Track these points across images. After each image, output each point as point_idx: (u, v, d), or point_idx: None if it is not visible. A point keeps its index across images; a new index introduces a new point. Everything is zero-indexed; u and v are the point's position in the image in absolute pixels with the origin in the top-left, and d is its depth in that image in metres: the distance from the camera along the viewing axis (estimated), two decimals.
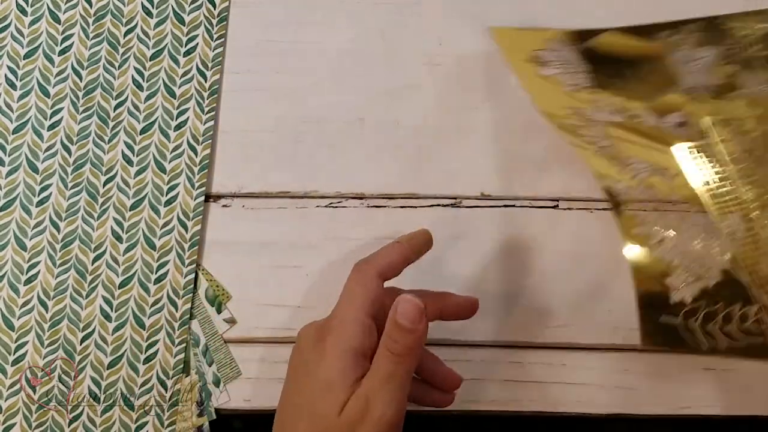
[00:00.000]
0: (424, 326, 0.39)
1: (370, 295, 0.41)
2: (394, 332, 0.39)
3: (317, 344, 0.40)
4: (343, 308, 0.41)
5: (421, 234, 0.45)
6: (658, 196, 0.49)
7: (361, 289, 0.41)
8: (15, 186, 0.51)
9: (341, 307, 0.41)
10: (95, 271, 0.50)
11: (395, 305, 0.39)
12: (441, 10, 0.54)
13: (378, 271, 0.42)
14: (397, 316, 0.39)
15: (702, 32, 0.50)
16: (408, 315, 0.39)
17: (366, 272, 0.42)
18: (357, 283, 0.42)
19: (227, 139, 0.52)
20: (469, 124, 0.53)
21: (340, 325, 0.40)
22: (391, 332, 0.39)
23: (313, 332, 0.41)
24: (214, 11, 0.54)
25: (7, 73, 0.52)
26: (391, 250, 0.43)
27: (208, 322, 0.50)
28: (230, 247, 0.51)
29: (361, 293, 0.41)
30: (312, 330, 0.42)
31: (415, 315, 0.39)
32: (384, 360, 0.39)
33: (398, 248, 0.43)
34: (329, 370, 0.39)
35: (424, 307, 0.39)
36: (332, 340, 0.40)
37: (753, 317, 0.46)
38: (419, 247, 0.45)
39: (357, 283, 0.42)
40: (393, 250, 0.43)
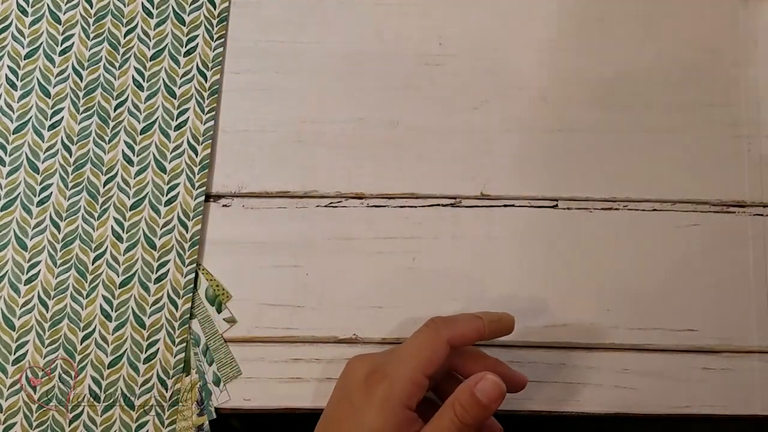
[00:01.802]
0: (497, 406, 0.40)
1: (436, 359, 0.41)
2: (468, 402, 0.39)
3: (368, 387, 0.40)
4: (405, 362, 0.41)
5: (505, 320, 0.44)
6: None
7: (429, 353, 0.41)
8: (15, 186, 0.51)
9: (403, 360, 0.41)
10: (96, 270, 0.50)
11: (477, 378, 0.40)
12: (441, 11, 0.54)
13: (450, 338, 0.42)
14: (476, 389, 0.39)
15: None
16: (488, 393, 0.39)
17: (440, 336, 0.42)
18: (427, 343, 0.41)
19: (227, 139, 0.53)
20: (469, 124, 0.53)
21: (398, 379, 0.40)
22: (464, 401, 0.39)
23: (365, 371, 0.41)
24: (214, 11, 0.54)
25: (7, 73, 0.53)
26: (470, 324, 0.43)
27: (208, 322, 0.50)
28: (230, 247, 0.51)
29: (428, 356, 0.41)
30: (364, 368, 0.42)
31: (495, 395, 0.39)
32: (448, 422, 0.39)
33: (477, 324, 0.43)
34: (379, 422, 0.39)
35: (505, 390, 0.40)
36: (385, 391, 0.40)
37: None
38: (498, 332, 0.44)
39: (427, 343, 0.41)
40: (472, 324, 0.43)
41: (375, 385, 0.40)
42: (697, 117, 0.53)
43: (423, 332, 0.42)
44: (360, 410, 0.40)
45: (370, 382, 0.41)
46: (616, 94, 0.53)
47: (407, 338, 0.43)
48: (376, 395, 0.40)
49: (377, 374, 0.41)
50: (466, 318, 0.43)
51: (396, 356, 0.42)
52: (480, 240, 0.51)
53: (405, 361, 0.41)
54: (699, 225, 0.52)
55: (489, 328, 0.43)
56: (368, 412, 0.40)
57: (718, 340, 0.50)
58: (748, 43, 0.54)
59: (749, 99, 0.53)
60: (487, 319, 0.43)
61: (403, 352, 0.42)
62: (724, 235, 0.51)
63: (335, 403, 0.43)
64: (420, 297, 0.50)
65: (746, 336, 0.50)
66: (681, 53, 0.54)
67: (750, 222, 0.51)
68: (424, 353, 0.41)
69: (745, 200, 0.52)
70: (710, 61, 0.53)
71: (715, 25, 0.54)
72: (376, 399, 0.40)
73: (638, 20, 0.54)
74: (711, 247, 0.51)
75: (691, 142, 0.52)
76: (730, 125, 0.53)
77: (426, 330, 0.42)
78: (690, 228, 0.52)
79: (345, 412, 0.41)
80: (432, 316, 0.43)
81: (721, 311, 0.51)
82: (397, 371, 0.41)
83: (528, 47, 0.54)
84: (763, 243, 0.51)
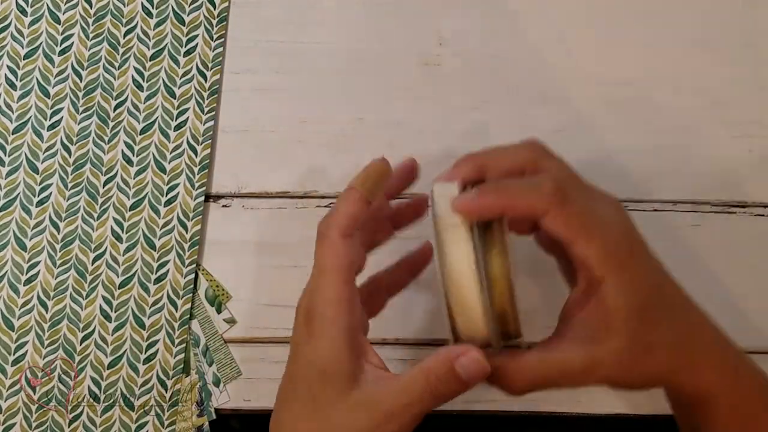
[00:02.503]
0: (476, 384, 0.36)
1: (348, 263, 0.38)
2: (446, 376, 0.36)
3: (306, 326, 0.38)
4: (319, 286, 0.38)
5: (372, 168, 0.40)
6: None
7: (331, 260, 0.38)
8: (15, 186, 0.51)
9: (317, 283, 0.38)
10: (95, 271, 0.50)
11: (459, 352, 0.36)
12: (441, 10, 0.54)
13: (341, 233, 0.38)
14: (457, 364, 0.36)
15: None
16: (470, 371, 0.36)
17: (329, 237, 0.38)
18: (324, 254, 0.38)
19: (227, 139, 0.52)
20: (469, 124, 0.53)
21: (322, 305, 0.37)
22: (440, 372, 0.36)
23: (303, 312, 0.39)
24: (214, 11, 0.54)
25: (7, 73, 0.52)
26: (346, 202, 0.39)
27: (208, 322, 0.50)
28: (230, 247, 0.51)
29: (338, 266, 0.38)
30: (302, 309, 0.39)
31: (476, 374, 0.36)
32: (420, 390, 0.36)
33: (354, 195, 0.39)
34: (321, 359, 0.37)
35: (488, 371, 0.36)
36: (319, 325, 0.37)
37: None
38: (376, 185, 0.39)
39: (324, 254, 0.38)
40: (349, 200, 0.39)
41: (310, 323, 0.37)
42: (698, 117, 0.53)
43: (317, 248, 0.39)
44: (304, 351, 0.37)
45: (307, 323, 0.38)
46: (617, 95, 0.53)
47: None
48: (313, 332, 0.37)
49: (309, 312, 0.38)
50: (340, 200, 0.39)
51: (312, 285, 0.38)
52: None
53: (319, 285, 0.38)
54: (699, 225, 0.51)
55: (367, 190, 0.39)
56: (309, 351, 0.37)
57: None
58: (749, 42, 0.54)
59: (750, 99, 0.53)
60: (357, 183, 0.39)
61: (313, 276, 0.38)
62: (725, 235, 0.51)
63: (289, 354, 0.40)
64: (420, 297, 0.50)
65: (746, 336, 0.50)
66: (682, 53, 0.53)
67: (751, 222, 0.51)
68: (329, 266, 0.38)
69: (746, 200, 0.52)
70: (711, 60, 0.53)
71: (716, 24, 0.54)
72: (314, 336, 0.37)
73: (639, 20, 0.54)
74: (712, 247, 0.51)
75: (691, 142, 0.52)
76: (730, 125, 0.53)
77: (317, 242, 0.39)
78: (690, 228, 0.51)
79: (294, 359, 0.39)
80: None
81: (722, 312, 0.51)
82: (319, 299, 0.37)
83: (528, 47, 0.54)
84: (763, 243, 0.51)
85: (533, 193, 0.37)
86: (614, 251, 0.37)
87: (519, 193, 0.37)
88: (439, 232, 0.38)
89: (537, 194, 0.37)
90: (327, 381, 0.37)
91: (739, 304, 0.51)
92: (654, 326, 0.38)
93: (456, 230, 0.37)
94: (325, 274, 0.38)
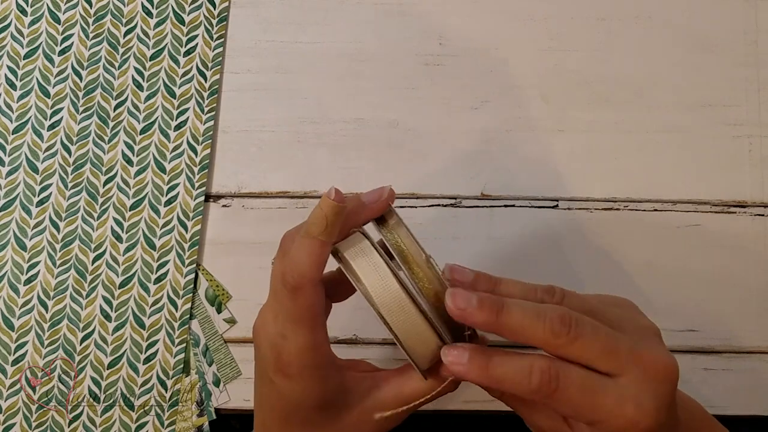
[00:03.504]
0: None
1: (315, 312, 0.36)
2: None
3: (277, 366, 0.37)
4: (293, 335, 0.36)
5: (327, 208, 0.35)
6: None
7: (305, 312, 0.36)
8: (15, 186, 0.51)
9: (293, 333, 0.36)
10: (95, 271, 0.50)
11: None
12: (441, 10, 0.54)
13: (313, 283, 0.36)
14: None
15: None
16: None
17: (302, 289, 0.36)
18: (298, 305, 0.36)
19: (227, 139, 0.52)
20: (469, 124, 0.53)
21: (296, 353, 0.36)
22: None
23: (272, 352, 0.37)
24: (214, 11, 0.54)
25: (7, 73, 0.52)
26: (311, 254, 0.36)
27: (208, 322, 0.50)
28: (230, 247, 0.51)
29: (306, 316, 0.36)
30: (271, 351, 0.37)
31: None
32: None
33: (319, 248, 0.35)
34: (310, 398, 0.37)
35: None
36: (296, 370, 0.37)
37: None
38: (337, 228, 0.36)
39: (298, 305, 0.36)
40: (314, 252, 0.36)
41: (284, 371, 0.37)
42: (698, 117, 0.53)
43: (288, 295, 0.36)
44: (287, 392, 0.37)
45: (279, 371, 0.37)
46: (616, 94, 0.53)
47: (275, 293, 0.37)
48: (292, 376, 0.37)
49: (281, 359, 0.36)
50: (305, 250, 0.36)
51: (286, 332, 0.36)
52: (480, 240, 0.51)
53: (296, 335, 0.36)
54: (699, 225, 0.51)
55: (328, 236, 0.35)
56: (296, 393, 0.37)
57: (719, 341, 0.50)
58: (749, 43, 0.54)
59: (750, 99, 0.53)
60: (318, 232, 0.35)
61: (287, 326, 0.36)
62: (725, 235, 0.51)
63: (258, 379, 0.40)
64: None
65: (746, 336, 0.50)
66: (681, 53, 0.53)
67: (750, 222, 0.51)
68: (307, 316, 0.36)
69: (746, 200, 0.52)
70: (711, 61, 0.53)
71: (716, 25, 0.54)
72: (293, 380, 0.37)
73: (638, 20, 0.54)
74: (711, 247, 0.51)
75: (691, 142, 0.52)
76: (730, 125, 0.53)
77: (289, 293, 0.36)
78: (690, 228, 0.51)
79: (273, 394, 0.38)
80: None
81: (722, 312, 0.51)
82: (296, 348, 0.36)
83: (528, 47, 0.54)
84: (763, 243, 0.51)
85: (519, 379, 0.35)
86: None
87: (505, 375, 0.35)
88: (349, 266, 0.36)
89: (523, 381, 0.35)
90: (326, 412, 0.38)
91: (739, 304, 0.51)
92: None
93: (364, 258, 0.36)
94: (299, 324, 0.36)
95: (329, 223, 0.35)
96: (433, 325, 0.36)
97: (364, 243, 0.36)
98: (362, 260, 0.36)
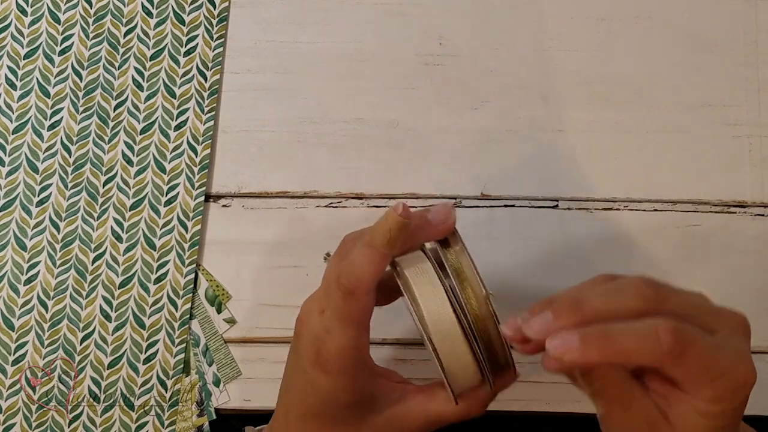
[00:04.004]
0: None
1: (364, 317, 0.37)
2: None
3: (317, 362, 0.38)
4: (339, 334, 0.37)
5: (392, 221, 0.36)
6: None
7: (355, 315, 0.37)
8: (15, 186, 0.51)
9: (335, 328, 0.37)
10: (95, 271, 0.50)
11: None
12: (441, 11, 0.54)
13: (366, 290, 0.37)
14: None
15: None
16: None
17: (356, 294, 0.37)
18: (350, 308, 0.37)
19: (227, 139, 0.52)
20: (469, 124, 0.53)
21: (336, 351, 0.37)
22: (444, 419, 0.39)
23: (312, 346, 0.38)
24: (214, 11, 0.54)
25: (7, 73, 0.52)
26: (372, 263, 0.36)
27: (208, 322, 0.50)
28: (230, 247, 0.51)
29: (356, 320, 0.37)
30: (311, 345, 0.38)
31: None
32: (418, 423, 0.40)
33: (380, 258, 0.36)
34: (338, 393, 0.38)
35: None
36: (333, 366, 0.37)
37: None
38: (399, 242, 0.36)
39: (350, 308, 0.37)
40: (375, 261, 0.36)
41: (322, 365, 0.37)
42: (698, 117, 0.53)
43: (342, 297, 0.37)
44: (318, 385, 0.38)
45: (317, 364, 0.38)
46: (616, 94, 0.53)
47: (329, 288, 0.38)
48: (329, 371, 0.37)
49: (320, 354, 0.37)
50: (366, 258, 0.36)
51: (332, 329, 0.37)
52: (480, 240, 0.51)
53: (341, 334, 0.37)
54: (699, 225, 0.51)
55: (389, 248, 0.36)
56: (326, 390, 0.38)
57: None
58: (749, 43, 0.54)
59: (750, 99, 0.53)
60: (371, 237, 0.36)
61: (334, 323, 0.37)
62: (725, 235, 0.51)
63: (290, 368, 0.40)
64: None
65: None
66: (681, 53, 0.53)
67: (750, 222, 0.51)
68: (355, 319, 0.37)
69: (746, 200, 0.52)
70: (710, 61, 0.53)
71: (716, 25, 0.54)
72: (329, 375, 0.37)
73: (638, 20, 0.54)
74: (711, 247, 0.51)
75: (691, 142, 0.52)
76: (730, 125, 0.53)
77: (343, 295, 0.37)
78: (690, 228, 0.51)
79: (305, 389, 0.39)
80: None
81: None
82: (339, 347, 0.37)
83: (528, 47, 0.54)
84: (763, 243, 0.51)
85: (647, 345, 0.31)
86: (730, 396, 0.34)
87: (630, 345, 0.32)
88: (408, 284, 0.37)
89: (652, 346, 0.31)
90: (349, 409, 0.38)
91: (739, 304, 0.51)
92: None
93: (425, 279, 0.37)
94: (346, 324, 0.37)
95: (392, 237, 0.36)
96: (478, 357, 0.37)
97: (426, 265, 0.37)
98: (422, 281, 0.37)
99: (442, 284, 0.36)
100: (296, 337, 0.40)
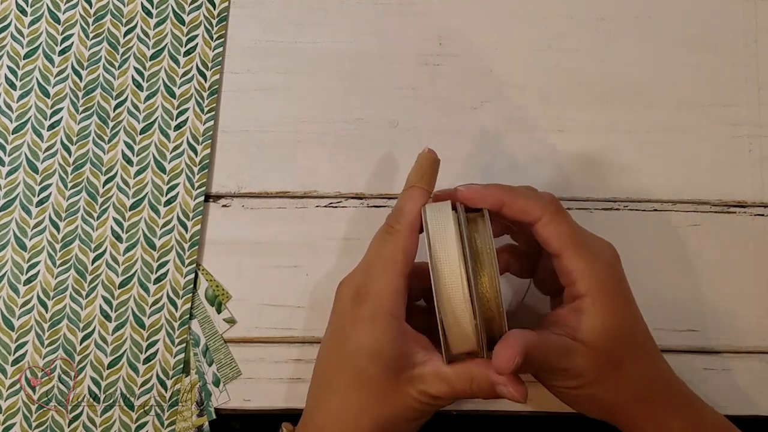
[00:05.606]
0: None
1: (409, 258, 0.41)
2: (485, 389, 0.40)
3: (355, 311, 0.40)
4: (379, 274, 0.40)
5: (425, 161, 0.43)
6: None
7: (402, 255, 0.40)
8: (15, 186, 0.51)
9: (379, 271, 0.40)
10: (95, 271, 0.50)
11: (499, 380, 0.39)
12: (441, 10, 0.54)
13: (410, 229, 0.41)
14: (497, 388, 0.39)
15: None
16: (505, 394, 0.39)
17: (399, 231, 0.41)
18: (397, 248, 0.40)
19: (227, 139, 0.52)
20: (469, 124, 0.53)
21: (377, 292, 0.40)
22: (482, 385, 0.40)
23: (350, 296, 0.41)
24: (214, 11, 0.54)
25: (6, 73, 0.52)
26: (412, 201, 0.41)
27: (208, 322, 0.50)
28: (230, 247, 0.51)
29: (402, 260, 0.40)
30: (350, 292, 0.41)
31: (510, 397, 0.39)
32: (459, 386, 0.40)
33: (419, 193, 0.42)
34: (377, 341, 0.39)
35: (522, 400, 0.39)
36: (371, 309, 0.40)
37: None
38: (433, 177, 0.43)
39: (397, 248, 0.40)
40: (415, 197, 0.42)
41: (360, 306, 0.40)
42: (698, 117, 0.53)
43: (388, 239, 0.41)
44: (353, 334, 0.40)
45: (356, 306, 0.40)
46: (616, 94, 0.53)
47: (371, 247, 0.42)
48: (364, 316, 0.40)
49: (360, 296, 0.40)
50: (407, 198, 0.42)
51: (373, 272, 0.41)
52: None
53: (382, 273, 0.40)
54: (699, 225, 0.51)
55: (426, 184, 0.42)
56: (361, 334, 0.40)
57: (719, 341, 0.50)
58: (749, 43, 0.54)
59: (750, 99, 0.53)
60: (416, 179, 0.42)
61: (375, 264, 0.41)
62: (725, 235, 0.51)
63: (330, 333, 0.42)
64: None
65: (746, 336, 0.50)
66: (681, 53, 0.54)
67: (750, 222, 0.51)
68: (399, 260, 0.40)
69: (746, 200, 0.52)
70: (710, 61, 0.53)
71: (716, 25, 0.54)
72: (365, 320, 0.40)
73: (638, 20, 0.54)
74: (711, 247, 0.51)
75: (691, 142, 0.52)
76: (730, 125, 0.53)
77: (390, 236, 0.41)
78: (690, 228, 0.52)
79: (340, 340, 0.41)
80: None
81: (722, 312, 0.51)
82: (378, 287, 0.40)
83: (528, 47, 0.54)
84: (763, 243, 0.51)
85: (533, 199, 0.41)
86: (602, 277, 0.40)
87: (521, 194, 0.41)
88: (432, 250, 0.39)
89: (536, 200, 0.41)
90: (381, 361, 0.39)
91: (739, 304, 0.51)
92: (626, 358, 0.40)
93: (448, 247, 0.39)
94: (387, 264, 0.40)
95: (426, 173, 0.42)
96: (477, 325, 0.39)
97: (452, 228, 0.40)
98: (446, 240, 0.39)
99: (464, 255, 0.39)
100: (335, 303, 0.42)
